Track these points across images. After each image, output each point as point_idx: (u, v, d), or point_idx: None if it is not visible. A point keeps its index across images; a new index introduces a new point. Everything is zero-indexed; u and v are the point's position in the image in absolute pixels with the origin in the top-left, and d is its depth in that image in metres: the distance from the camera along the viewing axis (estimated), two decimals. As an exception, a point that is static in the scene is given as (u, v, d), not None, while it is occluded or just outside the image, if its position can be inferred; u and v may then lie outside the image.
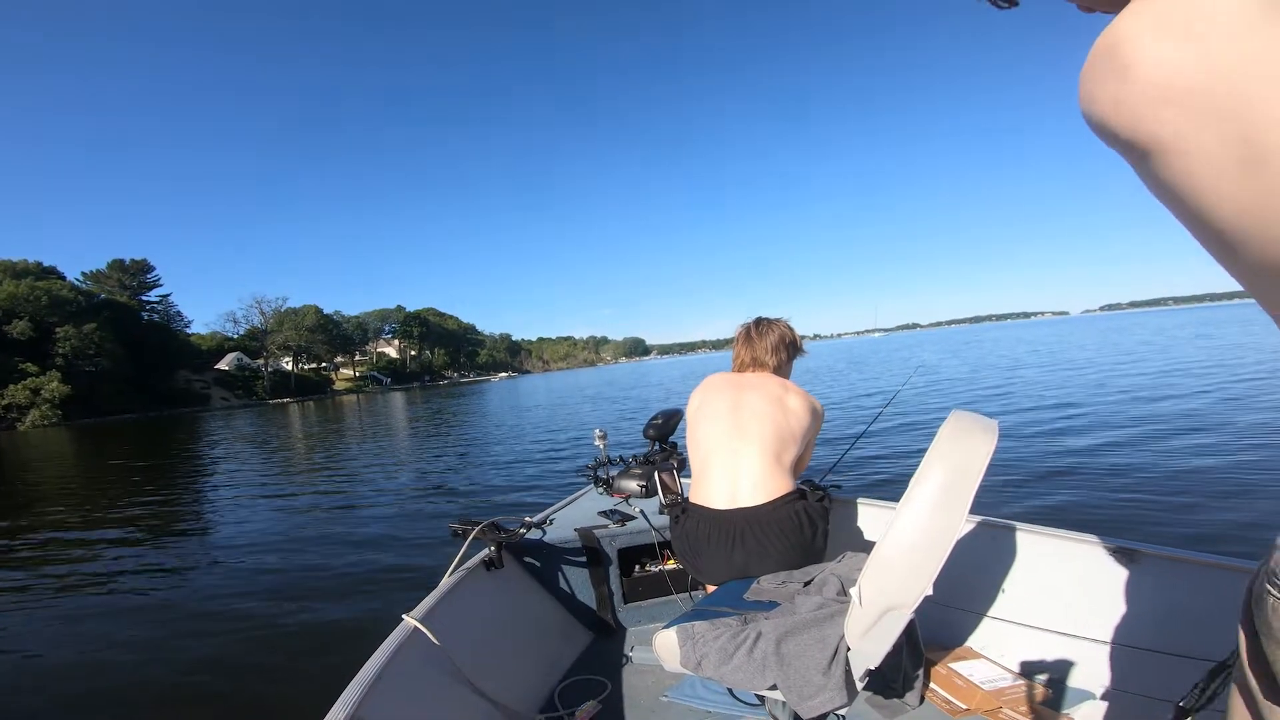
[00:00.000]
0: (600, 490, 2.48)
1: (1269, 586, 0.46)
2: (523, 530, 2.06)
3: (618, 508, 2.46)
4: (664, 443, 2.43)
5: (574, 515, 2.45)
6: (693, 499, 1.72)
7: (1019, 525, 1.86)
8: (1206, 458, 5.57)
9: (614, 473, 2.38)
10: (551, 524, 2.25)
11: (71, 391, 47.18)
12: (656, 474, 2.23)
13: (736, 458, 1.66)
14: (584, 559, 2.24)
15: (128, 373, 54.55)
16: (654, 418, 2.44)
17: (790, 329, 1.91)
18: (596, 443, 2.65)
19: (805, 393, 1.78)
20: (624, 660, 2.07)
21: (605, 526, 2.28)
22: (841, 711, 1.24)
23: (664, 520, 2.22)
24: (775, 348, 1.85)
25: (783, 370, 1.88)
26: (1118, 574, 1.64)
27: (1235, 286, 0.48)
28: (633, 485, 2.26)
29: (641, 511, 2.37)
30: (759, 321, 1.91)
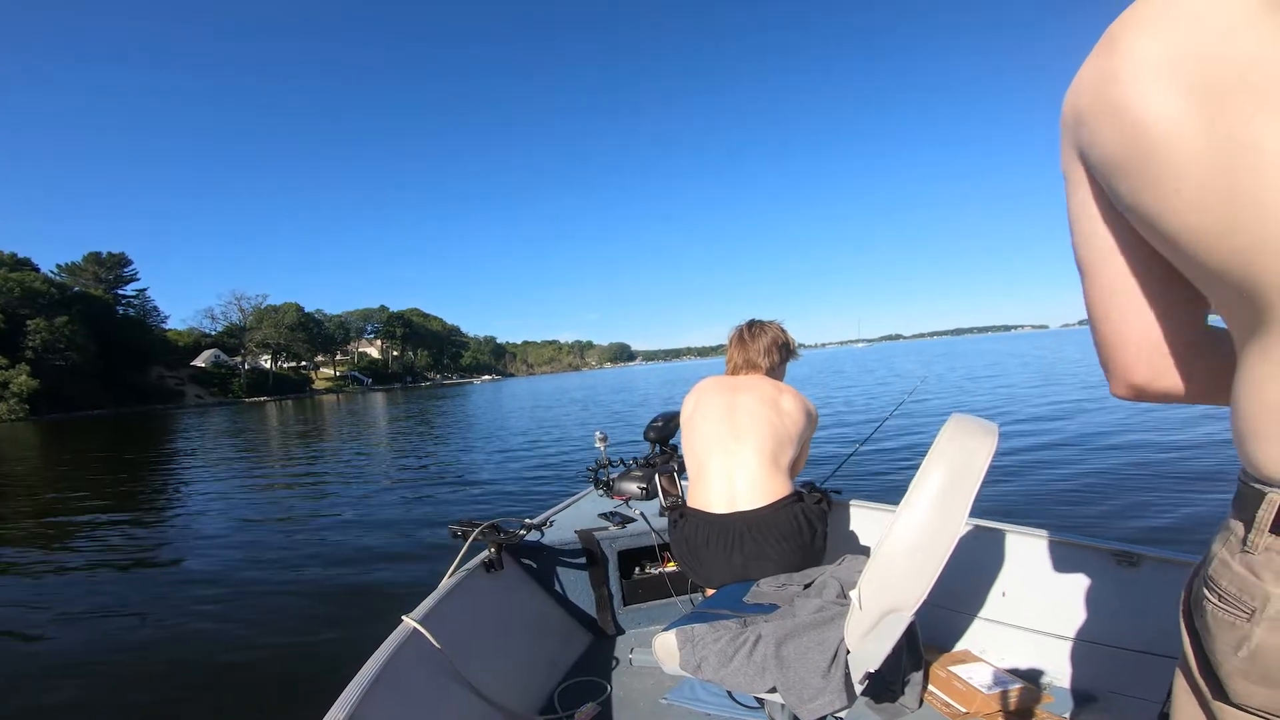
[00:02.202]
0: (600, 492, 2.47)
1: (1206, 592, 0.47)
2: (523, 532, 2.04)
3: (618, 510, 2.45)
4: (664, 445, 2.43)
5: (574, 517, 2.44)
6: (690, 503, 1.72)
7: (1019, 528, 1.88)
8: (1203, 459, 5.68)
9: (614, 475, 2.37)
10: (551, 526, 2.24)
11: (40, 386, 45.95)
12: (656, 476, 2.23)
13: (732, 460, 1.66)
14: (584, 561, 2.23)
15: (99, 368, 53.26)
16: (654, 420, 2.44)
17: (783, 331, 1.92)
18: (597, 444, 2.63)
19: (799, 394, 1.79)
20: (623, 662, 2.06)
21: (605, 528, 2.27)
22: (841, 714, 1.24)
23: (664, 522, 2.22)
24: (768, 350, 1.86)
25: (776, 372, 1.89)
26: (1118, 577, 1.66)
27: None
28: (633, 487, 2.25)
29: (641, 514, 2.36)
30: (752, 324, 1.91)
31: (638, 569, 2.36)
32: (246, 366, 75.95)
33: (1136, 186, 0.43)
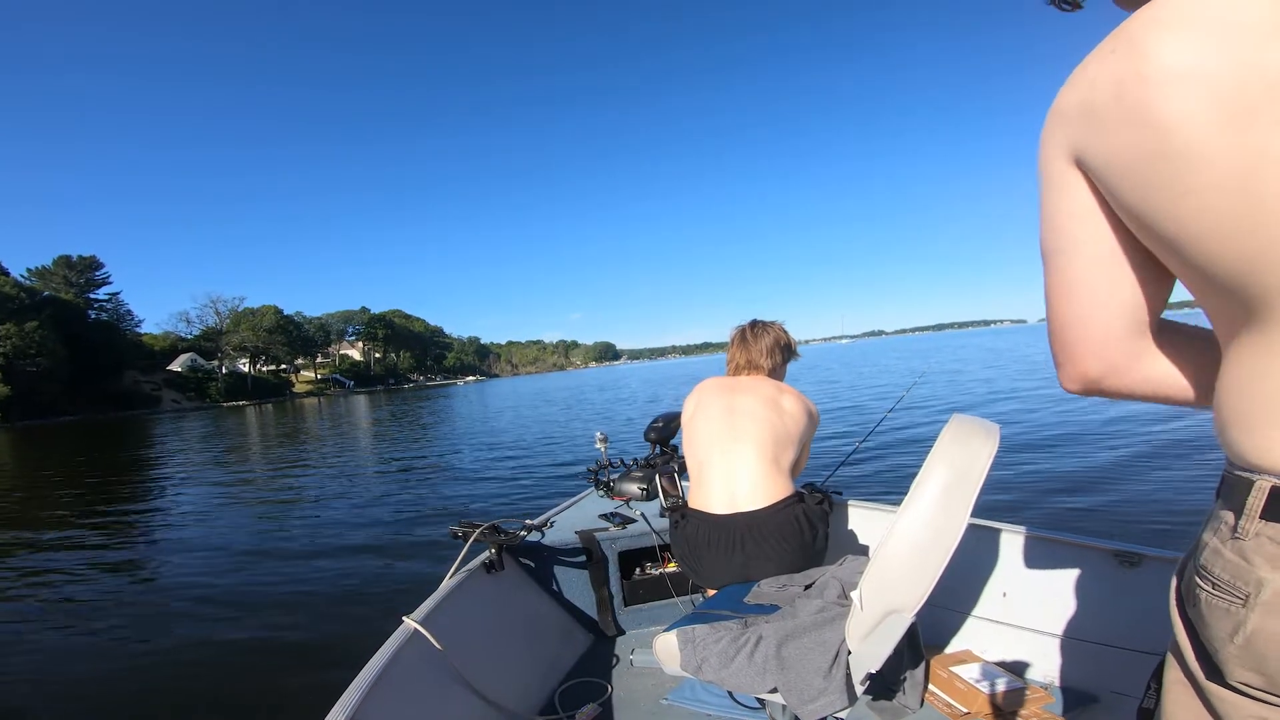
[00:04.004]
0: (601, 493, 2.47)
1: (1199, 580, 0.48)
2: (523, 532, 2.03)
3: (618, 510, 2.44)
4: (665, 446, 2.43)
5: (574, 518, 2.43)
6: (691, 503, 1.71)
7: (1020, 528, 1.88)
8: (1203, 458, 5.74)
9: (614, 476, 2.37)
10: (552, 526, 2.23)
11: (11, 392, 44.87)
12: (657, 477, 2.23)
13: (733, 461, 1.66)
14: (584, 561, 2.22)
15: (71, 373, 52.02)
16: (655, 420, 2.44)
17: (785, 332, 1.92)
18: (597, 445, 2.63)
19: (800, 394, 1.79)
20: (624, 663, 2.06)
21: (606, 529, 2.27)
22: (842, 715, 1.24)
23: (665, 523, 2.22)
24: (771, 350, 1.85)
25: (777, 373, 1.89)
26: (1119, 577, 1.67)
27: (1185, 295, 0.53)
28: (633, 488, 2.25)
29: (642, 514, 2.35)
30: (754, 324, 1.91)
31: (638, 569, 2.36)
32: (224, 370, 74.64)
33: (1146, 187, 0.43)
